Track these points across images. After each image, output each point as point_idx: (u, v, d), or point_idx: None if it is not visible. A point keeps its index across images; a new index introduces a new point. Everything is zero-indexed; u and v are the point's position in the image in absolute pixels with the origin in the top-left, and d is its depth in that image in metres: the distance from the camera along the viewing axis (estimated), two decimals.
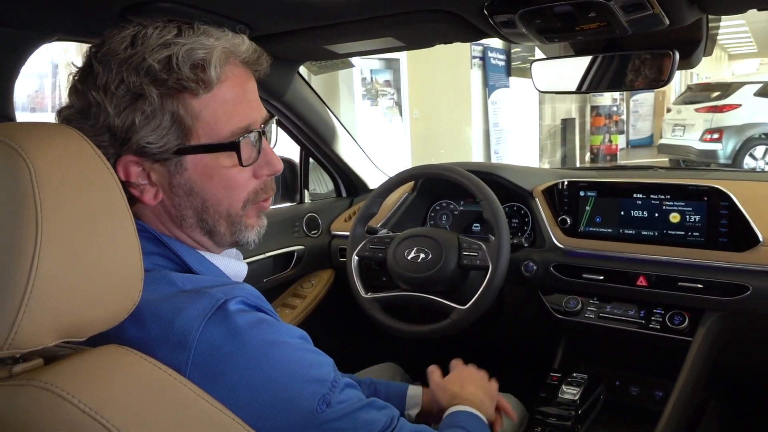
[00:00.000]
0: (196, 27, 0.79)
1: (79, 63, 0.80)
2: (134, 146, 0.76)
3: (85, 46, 0.86)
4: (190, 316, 0.69)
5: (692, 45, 1.39)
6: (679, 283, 1.47)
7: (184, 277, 0.76)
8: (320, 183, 2.37)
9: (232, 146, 0.79)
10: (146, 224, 0.81)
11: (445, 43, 1.54)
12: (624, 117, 13.11)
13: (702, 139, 8.73)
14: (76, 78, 0.78)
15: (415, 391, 1.20)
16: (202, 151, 0.78)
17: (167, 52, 0.74)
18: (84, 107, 0.76)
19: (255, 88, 0.84)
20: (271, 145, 0.88)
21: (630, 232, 1.57)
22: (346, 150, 2.14)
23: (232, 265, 0.88)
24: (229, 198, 0.82)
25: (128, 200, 0.79)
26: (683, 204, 1.50)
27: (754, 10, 1.23)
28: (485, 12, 1.21)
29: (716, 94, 9.05)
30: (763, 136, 8.42)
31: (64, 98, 0.83)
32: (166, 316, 0.70)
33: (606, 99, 11.72)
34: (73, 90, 0.78)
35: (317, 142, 2.04)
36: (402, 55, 6.38)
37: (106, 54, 0.76)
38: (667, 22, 1.17)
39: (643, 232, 1.55)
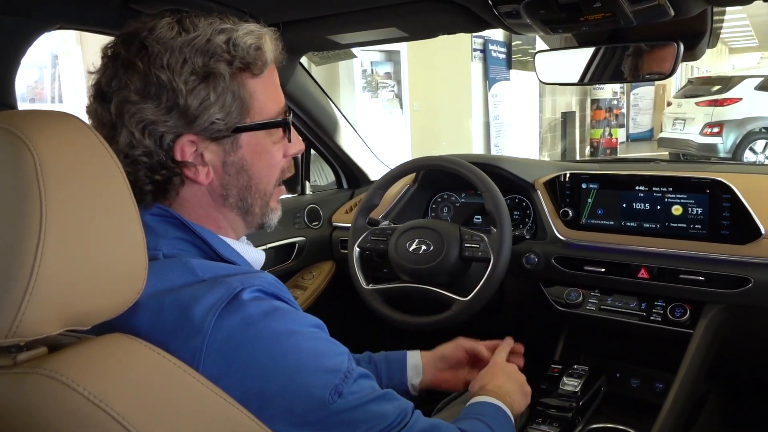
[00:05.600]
0: (230, 18, 0.82)
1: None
2: (204, 123, 0.78)
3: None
4: (206, 305, 0.70)
5: (696, 37, 1.38)
6: (681, 276, 1.47)
7: (204, 264, 0.77)
8: (321, 174, 2.37)
9: (285, 123, 0.86)
10: (172, 210, 0.82)
11: (448, 34, 1.53)
12: (624, 110, 13.09)
13: (702, 133, 8.73)
14: (134, 56, 0.76)
15: (414, 359, 1.23)
16: (259, 128, 0.83)
17: (225, 35, 0.78)
18: (141, 87, 0.75)
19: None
20: None
21: (632, 224, 1.57)
22: (347, 141, 2.13)
23: (251, 252, 0.90)
24: (269, 176, 0.87)
25: (176, 183, 0.80)
26: (685, 196, 1.50)
27: (756, 3, 1.22)
28: (489, 2, 1.20)
29: (717, 87, 9.04)
30: (763, 130, 8.42)
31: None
32: (182, 304, 0.71)
33: (606, 92, 11.71)
34: (131, 69, 0.75)
35: (319, 133, 2.03)
36: (402, 48, 6.37)
37: (159, 38, 0.76)
38: (672, 13, 1.17)
39: (645, 225, 1.55)
